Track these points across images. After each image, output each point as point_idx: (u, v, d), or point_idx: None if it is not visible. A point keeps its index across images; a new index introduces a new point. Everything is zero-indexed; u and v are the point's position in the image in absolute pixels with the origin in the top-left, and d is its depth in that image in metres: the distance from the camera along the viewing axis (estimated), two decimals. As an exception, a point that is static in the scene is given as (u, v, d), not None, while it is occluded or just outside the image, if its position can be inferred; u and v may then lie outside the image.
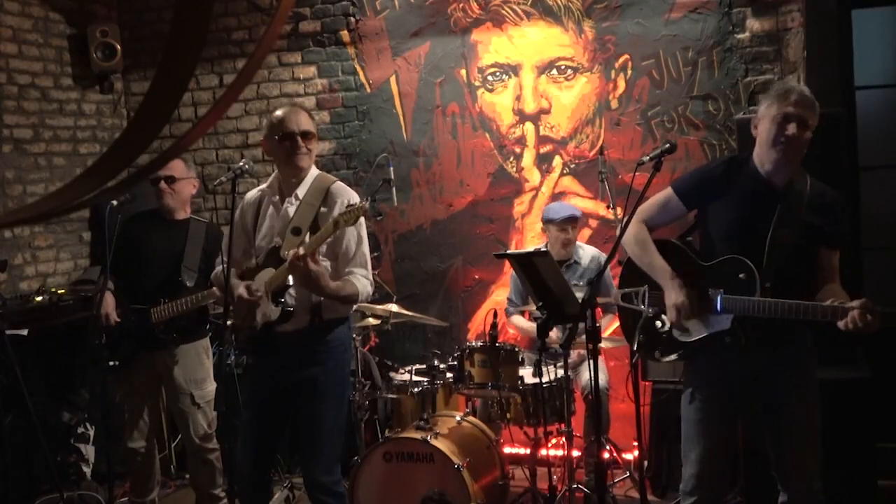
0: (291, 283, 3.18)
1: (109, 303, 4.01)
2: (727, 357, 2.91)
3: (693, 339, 2.95)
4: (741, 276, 2.82)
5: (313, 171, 3.37)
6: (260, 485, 3.41)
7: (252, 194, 3.48)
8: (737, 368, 2.92)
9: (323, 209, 3.27)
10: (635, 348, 3.12)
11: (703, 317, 2.91)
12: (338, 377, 3.38)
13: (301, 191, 3.30)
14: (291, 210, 3.29)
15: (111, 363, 4.00)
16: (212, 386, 4.13)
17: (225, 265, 3.27)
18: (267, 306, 3.23)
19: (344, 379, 3.45)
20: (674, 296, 2.91)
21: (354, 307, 3.48)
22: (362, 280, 3.25)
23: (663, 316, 3.00)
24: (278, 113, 3.32)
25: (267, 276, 3.22)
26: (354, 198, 3.30)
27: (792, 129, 2.80)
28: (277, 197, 3.34)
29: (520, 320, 4.66)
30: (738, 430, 3.06)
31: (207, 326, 4.21)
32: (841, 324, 2.61)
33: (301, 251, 3.01)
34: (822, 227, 2.86)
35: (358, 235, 3.31)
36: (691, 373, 3.07)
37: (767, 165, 2.89)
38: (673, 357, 3.05)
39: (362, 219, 3.26)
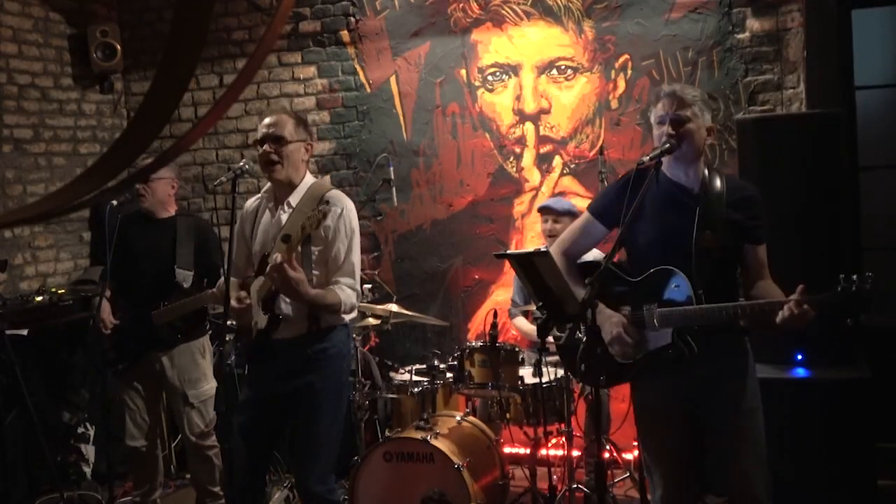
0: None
1: (106, 309, 4.01)
2: (670, 373, 2.84)
3: (635, 359, 2.87)
4: (673, 286, 2.77)
5: (308, 179, 3.34)
6: (254, 490, 3.40)
7: (251, 203, 3.46)
8: (680, 382, 2.85)
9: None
10: (578, 379, 3.06)
11: (641, 335, 2.84)
12: (335, 385, 3.33)
13: (294, 199, 3.29)
14: (284, 218, 3.28)
15: (119, 366, 4.02)
16: (208, 385, 4.13)
17: (225, 271, 3.28)
18: (258, 314, 3.22)
19: (341, 387, 3.39)
20: (609, 329, 2.84)
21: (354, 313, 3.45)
22: (346, 291, 3.20)
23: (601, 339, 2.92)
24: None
25: (258, 284, 3.21)
26: (349, 205, 3.29)
27: (667, 129, 2.79)
28: (272, 204, 3.33)
29: (522, 323, 4.66)
30: (694, 439, 2.94)
31: (207, 326, 4.21)
32: (777, 318, 2.59)
33: (278, 258, 2.99)
34: (744, 223, 2.82)
35: (349, 244, 3.26)
36: (638, 397, 3.00)
37: (671, 170, 2.87)
38: (620, 380, 2.99)
39: (356, 227, 3.27)
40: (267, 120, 3.27)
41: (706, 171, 2.88)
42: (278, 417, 3.36)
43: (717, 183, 2.85)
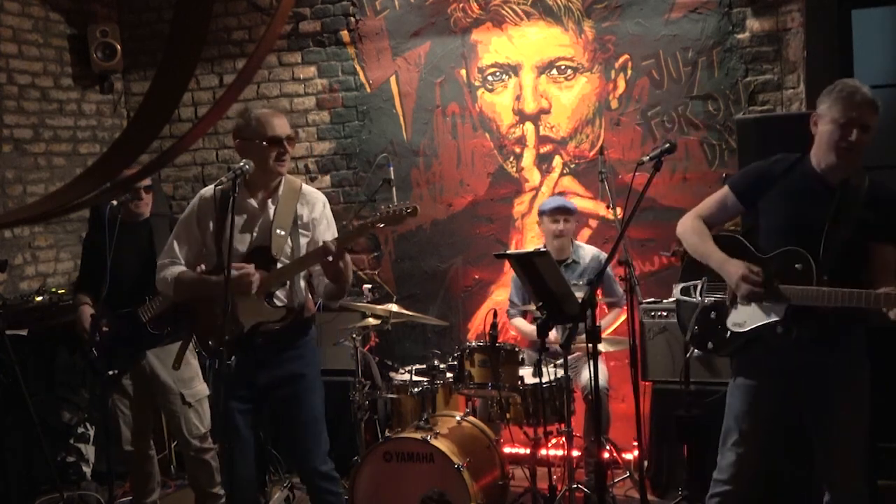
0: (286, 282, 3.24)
1: (84, 317, 4.00)
2: (778, 352, 2.90)
3: (746, 329, 2.94)
4: (797, 266, 2.82)
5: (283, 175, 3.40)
6: (255, 484, 3.44)
7: (210, 192, 3.36)
8: (787, 364, 2.91)
9: (300, 209, 3.32)
10: (688, 339, 3.11)
11: (759, 306, 2.90)
12: (315, 370, 3.47)
13: (279, 192, 3.33)
14: (272, 211, 3.29)
15: (110, 372, 3.99)
16: (201, 385, 4.12)
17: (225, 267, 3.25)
18: (260, 306, 3.22)
19: (318, 371, 3.52)
20: (734, 271, 2.89)
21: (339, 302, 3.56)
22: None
23: (719, 306, 3.01)
24: (261, 115, 3.29)
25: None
26: (322, 199, 3.42)
27: (855, 134, 2.80)
28: (255, 199, 3.31)
29: (521, 323, 4.66)
30: (781, 427, 3.05)
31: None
32: (892, 313, 2.63)
33: (332, 245, 3.06)
34: (875, 223, 2.84)
35: (333, 232, 3.37)
36: (741, 364, 3.07)
37: (824, 165, 2.90)
38: (725, 350, 3.05)
39: (329, 213, 3.39)
40: (282, 120, 3.33)
41: (857, 170, 2.91)
42: (263, 408, 3.44)
43: (860, 182, 2.88)
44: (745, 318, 2.95)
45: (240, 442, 3.33)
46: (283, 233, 3.25)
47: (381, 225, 3.20)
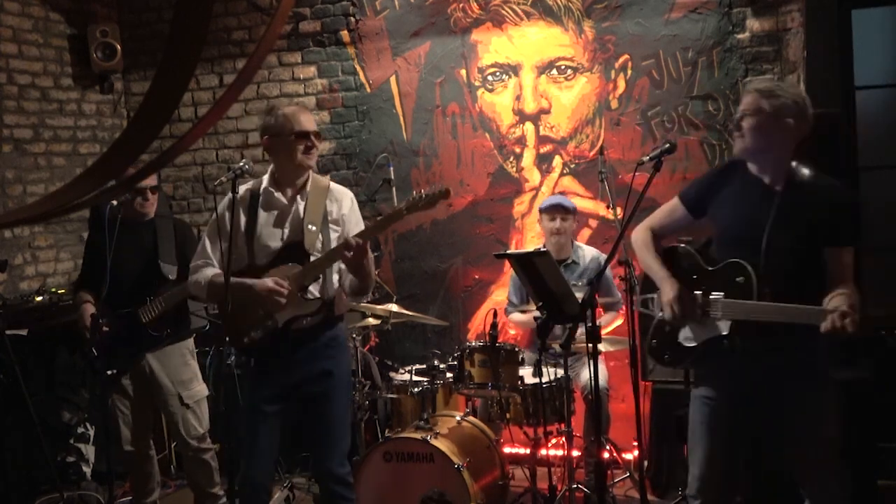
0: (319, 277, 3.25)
1: (85, 316, 4.00)
2: (732, 363, 2.86)
3: (694, 343, 2.94)
4: (738, 279, 2.79)
5: (310, 171, 3.42)
6: (264, 485, 3.41)
7: (241, 192, 3.37)
8: (742, 375, 2.87)
9: (329, 205, 3.34)
10: (648, 351, 3.13)
11: (704, 321, 2.89)
12: (347, 371, 3.48)
13: (307, 189, 3.35)
14: (301, 207, 3.32)
15: (109, 372, 3.98)
16: (200, 386, 4.12)
17: (225, 267, 3.25)
18: (296, 300, 3.23)
19: (350, 373, 3.54)
20: (667, 292, 2.91)
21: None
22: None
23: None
24: (288, 111, 3.32)
25: (290, 271, 3.22)
26: (350, 195, 3.43)
27: (745, 123, 2.79)
28: (284, 194, 3.34)
29: (517, 316, 4.65)
30: (746, 435, 3.00)
31: (191, 326, 4.18)
32: (821, 326, 2.58)
33: (359, 239, 3.07)
34: (825, 225, 2.75)
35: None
36: (699, 376, 3.06)
37: (753, 165, 2.88)
38: (682, 363, 3.06)
39: (357, 209, 3.40)
40: (308, 116, 3.37)
41: (797, 169, 2.84)
42: (290, 407, 3.39)
43: (805, 181, 2.81)
44: (694, 332, 2.94)
45: (259, 447, 3.32)
46: (314, 228, 3.27)
47: (411, 212, 3.14)
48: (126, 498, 4.54)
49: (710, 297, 2.86)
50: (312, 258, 3.24)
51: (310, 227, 3.27)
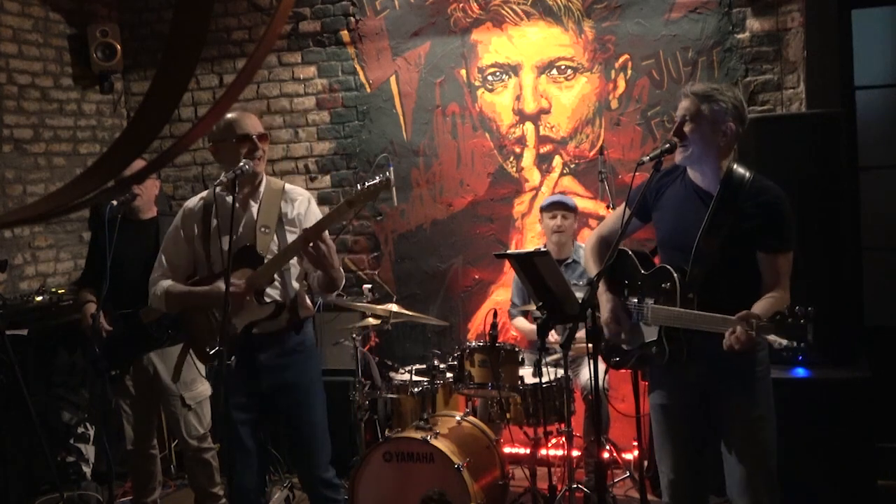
0: (275, 280, 3.24)
1: (87, 314, 3.99)
2: (670, 369, 2.85)
3: (629, 349, 2.96)
4: (664, 285, 2.78)
5: (262, 174, 3.40)
6: (255, 489, 3.41)
7: (195, 203, 3.42)
8: (680, 380, 2.86)
9: (285, 206, 3.34)
10: (603, 353, 3.11)
11: (637, 327, 2.91)
12: (317, 375, 3.47)
13: (259, 192, 3.35)
14: (255, 211, 3.31)
15: (112, 372, 3.99)
16: (203, 386, 4.12)
17: (225, 266, 3.25)
18: (251, 305, 3.22)
19: (320, 376, 3.51)
20: (603, 312, 2.97)
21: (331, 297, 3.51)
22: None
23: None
24: (230, 116, 3.32)
25: (243, 276, 3.18)
26: (308, 195, 3.43)
27: (686, 128, 2.79)
28: (236, 198, 3.28)
29: (522, 322, 4.66)
30: (696, 442, 2.95)
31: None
32: (724, 343, 2.53)
33: (310, 232, 3.07)
34: (756, 231, 2.72)
35: None
36: (650, 383, 3.07)
37: (692, 170, 2.87)
38: (626, 365, 3.08)
39: (315, 208, 3.39)
40: (254, 119, 3.38)
41: (733, 173, 2.80)
42: (264, 413, 3.40)
43: (740, 186, 2.77)
44: (628, 337, 2.97)
45: (243, 452, 3.32)
46: (267, 230, 3.26)
47: (357, 205, 3.14)
48: (126, 498, 4.54)
49: (644, 303, 2.88)
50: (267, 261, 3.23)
51: (262, 229, 3.26)
